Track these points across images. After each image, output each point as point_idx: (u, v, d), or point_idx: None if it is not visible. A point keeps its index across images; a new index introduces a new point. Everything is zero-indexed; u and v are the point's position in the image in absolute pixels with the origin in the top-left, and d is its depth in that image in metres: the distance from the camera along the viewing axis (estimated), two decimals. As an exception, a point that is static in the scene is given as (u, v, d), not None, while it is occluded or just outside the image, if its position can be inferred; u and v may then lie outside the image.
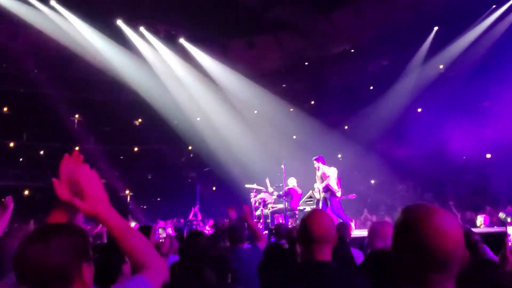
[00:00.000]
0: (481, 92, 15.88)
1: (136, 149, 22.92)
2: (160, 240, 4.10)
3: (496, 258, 4.09)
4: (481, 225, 11.01)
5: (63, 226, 1.43)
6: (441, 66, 17.15)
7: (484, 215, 12.39)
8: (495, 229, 9.24)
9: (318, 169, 9.96)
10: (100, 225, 5.61)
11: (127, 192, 21.93)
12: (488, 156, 16.23)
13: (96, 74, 18.18)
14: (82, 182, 1.48)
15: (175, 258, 3.93)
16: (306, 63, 20.12)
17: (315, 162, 10.06)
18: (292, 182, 10.45)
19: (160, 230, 3.88)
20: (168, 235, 5.55)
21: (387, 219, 13.84)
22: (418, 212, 1.20)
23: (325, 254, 1.95)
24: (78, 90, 20.28)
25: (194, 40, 17.93)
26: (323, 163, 10.03)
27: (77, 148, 20.61)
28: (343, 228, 5.00)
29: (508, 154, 15.30)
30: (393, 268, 1.23)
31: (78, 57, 16.96)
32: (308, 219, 2.00)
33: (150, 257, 1.49)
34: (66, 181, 1.53)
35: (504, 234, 2.46)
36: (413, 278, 1.17)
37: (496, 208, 12.82)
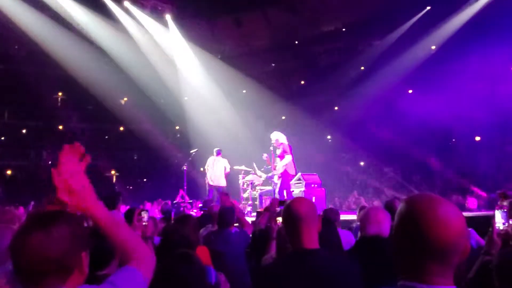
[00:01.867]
0: (472, 74, 15.78)
1: (121, 128, 22.52)
2: (144, 223, 3.94)
3: (483, 242, 4.02)
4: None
5: (62, 213, 1.39)
6: (433, 47, 16.96)
7: (471, 198, 12.51)
8: (483, 212, 9.24)
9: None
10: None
11: (112, 172, 21.63)
12: (477, 138, 16.26)
13: (79, 50, 17.60)
14: (67, 176, 1.42)
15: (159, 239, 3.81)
16: (296, 42, 19.72)
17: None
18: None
19: (143, 213, 3.67)
20: (151, 217, 5.33)
21: (376, 201, 13.87)
22: (423, 202, 1.18)
23: (313, 240, 1.95)
24: (60, 67, 19.68)
25: (181, 16, 17.39)
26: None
27: (60, 128, 20.30)
28: (331, 213, 4.88)
29: (497, 137, 15.35)
30: (393, 256, 1.23)
31: (59, 33, 16.36)
32: (291, 202, 2.05)
33: (138, 248, 1.50)
34: (66, 172, 1.46)
35: (491, 217, 2.50)
36: (412, 267, 1.16)
37: (484, 191, 12.93)
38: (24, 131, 21.73)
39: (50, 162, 20.08)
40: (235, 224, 4.54)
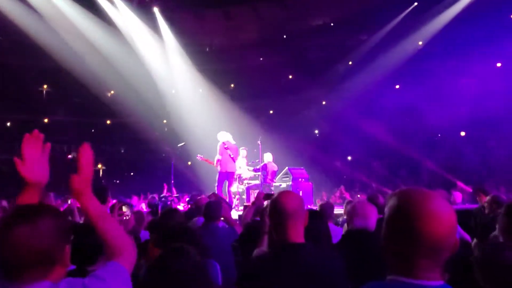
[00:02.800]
0: (458, 70, 15.96)
1: (108, 122, 22.26)
2: (125, 217, 3.92)
3: (468, 236, 4.09)
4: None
5: (46, 207, 1.41)
6: (420, 43, 17.10)
7: (456, 192, 12.66)
8: (467, 206, 9.36)
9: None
10: (70, 201, 5.41)
11: (99, 166, 21.42)
12: (463, 134, 16.47)
13: (65, 42, 17.31)
14: (82, 161, 1.53)
15: (147, 234, 3.83)
16: (285, 36, 19.68)
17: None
18: (268, 158, 10.28)
19: (124, 208, 3.64)
20: (137, 211, 5.30)
21: (362, 196, 13.98)
22: (413, 196, 1.17)
23: (299, 234, 1.94)
24: (45, 59, 19.34)
25: (168, 10, 17.21)
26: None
27: (46, 121, 19.98)
28: (329, 208, 4.92)
29: (482, 132, 15.56)
30: (381, 251, 1.22)
31: (46, 25, 16.07)
32: (278, 196, 2.02)
33: (124, 242, 1.52)
34: (30, 161, 1.54)
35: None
36: (402, 261, 1.16)
37: (469, 186, 13.11)
38: (8, 124, 21.38)
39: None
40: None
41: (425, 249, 1.12)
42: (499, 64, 16.21)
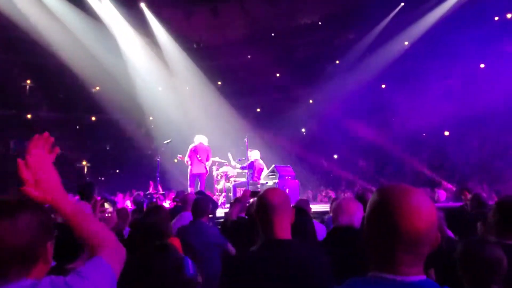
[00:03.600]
0: (443, 70, 16.17)
1: (93, 118, 21.99)
2: (107, 215, 3.86)
3: (452, 234, 4.15)
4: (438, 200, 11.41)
5: (28, 201, 1.34)
6: (406, 43, 17.26)
7: (440, 190, 12.85)
8: (450, 204, 9.49)
9: None
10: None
11: (84, 163, 21.15)
12: (447, 133, 16.69)
13: (50, 37, 17.02)
14: (34, 167, 1.39)
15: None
16: (273, 34, 19.68)
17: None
18: (255, 155, 10.27)
19: (106, 205, 3.58)
20: (122, 208, 5.24)
21: (348, 193, 14.09)
22: (393, 192, 1.17)
23: (285, 231, 1.94)
24: (29, 54, 18.99)
25: (155, 6, 17.07)
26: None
27: (29, 116, 19.63)
28: (304, 203, 4.93)
29: (466, 132, 15.80)
30: (363, 247, 1.22)
31: (29, 19, 15.79)
32: (264, 192, 2.03)
33: (106, 239, 1.48)
34: (34, 164, 1.42)
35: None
36: (383, 257, 1.16)
37: (452, 184, 13.31)
38: (-10, 119, 20.96)
39: (17, 153, 19.46)
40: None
41: (405, 244, 1.12)
42: (482, 65, 16.48)
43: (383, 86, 18.63)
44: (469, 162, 15.10)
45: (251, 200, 5.26)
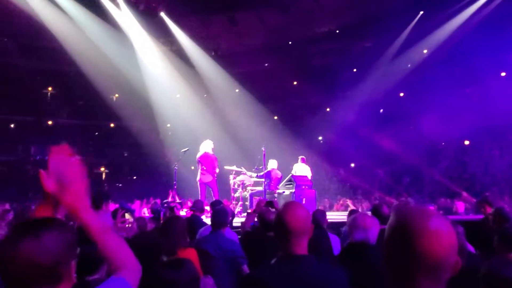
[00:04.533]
0: (462, 78, 15.93)
1: (112, 125, 22.32)
2: (127, 225, 3.91)
3: (471, 248, 4.06)
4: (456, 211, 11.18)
5: (53, 220, 1.37)
6: (425, 51, 17.08)
7: (459, 202, 12.59)
8: (471, 217, 9.28)
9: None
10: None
11: (102, 169, 21.45)
12: (467, 142, 16.41)
13: (71, 46, 17.40)
14: (69, 175, 1.44)
15: None
16: (290, 42, 19.71)
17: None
18: (272, 165, 10.28)
19: (127, 215, 3.63)
20: (140, 217, 5.29)
21: (365, 203, 13.93)
22: (412, 215, 1.16)
23: (302, 247, 1.95)
24: (50, 61, 19.42)
25: (174, 14, 17.28)
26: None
27: (49, 123, 20.01)
28: (320, 215, 4.88)
29: (486, 141, 15.50)
30: (384, 268, 1.20)
31: (51, 27, 16.16)
32: (284, 213, 1.99)
33: (125, 256, 1.48)
34: (54, 174, 1.47)
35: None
36: (402, 281, 1.14)
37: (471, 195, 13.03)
38: (12, 125, 21.45)
39: (38, 158, 19.85)
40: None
41: (424, 269, 1.11)
42: (503, 74, 16.19)
43: (401, 94, 18.44)
44: (489, 172, 14.80)
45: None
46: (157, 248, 2.72)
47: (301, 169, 10.49)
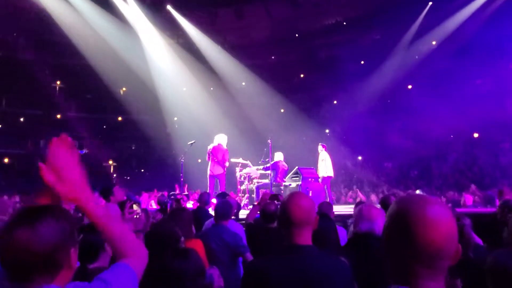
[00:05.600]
0: (473, 70, 15.72)
1: (119, 118, 22.44)
2: (135, 216, 3.91)
3: (479, 240, 4.02)
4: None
5: (50, 208, 1.34)
6: (433, 42, 16.88)
7: (467, 195, 12.48)
8: (479, 209, 9.21)
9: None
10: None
11: (110, 162, 21.60)
12: (476, 135, 16.24)
13: (79, 40, 17.47)
14: (61, 167, 1.42)
15: None
16: (297, 35, 19.60)
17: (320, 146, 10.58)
18: (278, 157, 10.25)
19: (135, 206, 3.63)
20: (143, 209, 5.32)
21: (372, 195, 13.88)
22: (411, 203, 1.14)
23: (305, 237, 1.93)
24: (59, 55, 19.53)
25: (181, 7, 17.26)
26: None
27: (58, 116, 20.18)
28: (327, 207, 4.85)
29: (495, 134, 15.32)
30: (385, 259, 1.19)
31: (60, 21, 16.23)
32: (288, 202, 1.97)
33: (131, 243, 1.48)
34: (53, 165, 1.45)
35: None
36: (402, 270, 1.13)
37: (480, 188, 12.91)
38: (21, 119, 21.65)
39: (47, 151, 20.00)
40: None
41: (423, 258, 1.09)
42: (514, 65, 15.96)
43: (410, 87, 18.26)
44: (499, 165, 14.64)
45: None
46: (176, 236, 2.74)
47: (327, 157, 10.42)
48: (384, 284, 1.21)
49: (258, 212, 4.67)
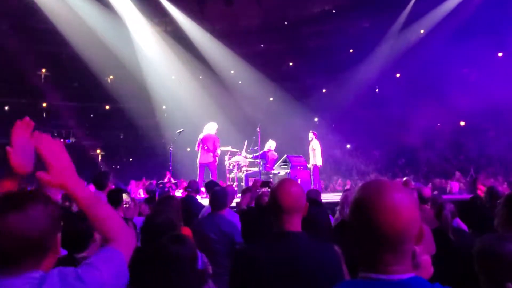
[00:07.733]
0: (459, 59, 15.84)
1: (107, 107, 22.20)
2: (125, 205, 3.90)
3: (464, 226, 4.10)
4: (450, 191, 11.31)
5: (37, 193, 1.35)
6: (422, 31, 16.95)
7: (453, 182, 12.71)
8: (464, 195, 9.36)
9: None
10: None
11: (98, 151, 21.42)
12: (462, 123, 16.43)
13: (64, 26, 17.14)
14: (45, 153, 1.41)
15: (139, 220, 3.77)
16: (286, 23, 19.51)
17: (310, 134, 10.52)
18: (271, 145, 10.30)
19: (124, 195, 3.62)
20: (132, 198, 5.31)
21: (360, 183, 14.02)
22: (371, 189, 1.14)
23: (295, 224, 1.94)
24: (44, 42, 19.16)
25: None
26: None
27: (44, 105, 19.88)
28: (315, 194, 4.88)
29: (482, 122, 15.52)
30: (353, 246, 1.19)
31: (44, 7, 15.90)
32: (278, 190, 1.97)
33: (119, 228, 1.47)
34: (20, 149, 1.49)
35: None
36: (367, 257, 1.14)
37: (465, 175, 13.13)
38: (6, 108, 21.29)
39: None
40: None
41: (385, 243, 1.09)
42: (500, 54, 16.12)
43: (398, 75, 18.36)
44: (485, 153, 14.87)
45: (264, 189, 5.25)
46: (174, 224, 2.75)
47: (317, 146, 10.42)
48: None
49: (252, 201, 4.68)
